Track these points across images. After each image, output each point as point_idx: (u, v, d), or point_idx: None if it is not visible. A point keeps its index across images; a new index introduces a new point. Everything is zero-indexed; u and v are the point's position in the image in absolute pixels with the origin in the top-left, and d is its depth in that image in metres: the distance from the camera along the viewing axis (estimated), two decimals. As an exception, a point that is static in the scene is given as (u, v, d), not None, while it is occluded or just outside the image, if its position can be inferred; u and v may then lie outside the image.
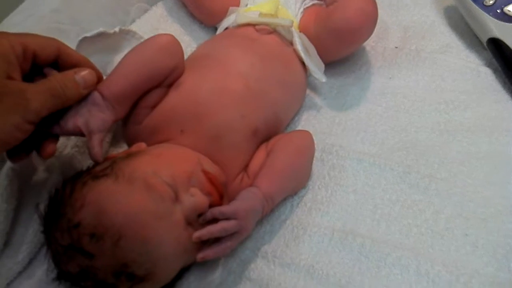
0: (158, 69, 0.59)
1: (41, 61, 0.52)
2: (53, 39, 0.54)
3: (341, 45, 0.70)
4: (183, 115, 0.59)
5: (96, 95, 0.55)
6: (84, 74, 0.54)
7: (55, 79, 0.52)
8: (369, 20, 0.68)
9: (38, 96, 0.49)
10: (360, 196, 0.61)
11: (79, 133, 0.54)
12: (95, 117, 0.54)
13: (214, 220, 0.52)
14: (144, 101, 0.59)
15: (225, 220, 0.51)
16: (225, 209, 0.52)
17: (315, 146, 0.64)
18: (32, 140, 0.54)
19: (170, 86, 0.61)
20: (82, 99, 0.54)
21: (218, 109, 0.59)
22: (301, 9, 0.74)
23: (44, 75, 0.53)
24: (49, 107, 0.50)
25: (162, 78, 0.59)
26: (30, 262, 0.59)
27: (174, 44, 0.60)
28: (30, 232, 0.59)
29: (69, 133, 0.55)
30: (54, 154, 0.56)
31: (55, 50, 0.53)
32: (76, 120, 0.54)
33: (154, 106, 0.60)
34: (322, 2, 0.76)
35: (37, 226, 0.58)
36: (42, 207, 0.56)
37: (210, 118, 0.59)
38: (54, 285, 0.55)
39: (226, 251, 0.53)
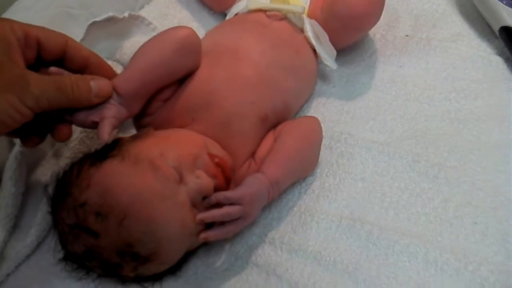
0: (176, 69, 0.58)
1: (46, 53, 0.51)
2: (62, 33, 0.53)
3: (347, 31, 0.69)
4: (195, 105, 0.59)
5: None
6: (101, 82, 0.53)
7: (68, 77, 0.51)
8: (374, 7, 0.67)
9: (40, 82, 0.48)
10: (369, 184, 0.61)
11: (91, 124, 0.53)
12: (110, 109, 0.54)
13: (220, 204, 0.52)
14: (158, 95, 0.59)
15: (229, 205, 0.51)
16: (230, 194, 0.52)
17: (324, 133, 0.63)
18: (46, 125, 0.54)
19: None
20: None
21: (228, 96, 0.59)
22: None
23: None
24: (51, 99, 0.49)
25: (179, 77, 0.59)
26: (39, 245, 0.59)
27: (193, 41, 0.58)
28: (39, 216, 0.59)
29: (80, 123, 0.54)
30: (69, 138, 0.55)
31: (62, 42, 0.52)
32: (89, 113, 0.53)
33: (167, 99, 0.60)
34: None
35: (45, 210, 0.59)
36: (50, 189, 0.57)
37: (220, 104, 0.59)
38: (61, 267, 0.55)
39: (229, 235, 0.53)
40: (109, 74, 0.56)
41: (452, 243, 0.55)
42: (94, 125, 0.53)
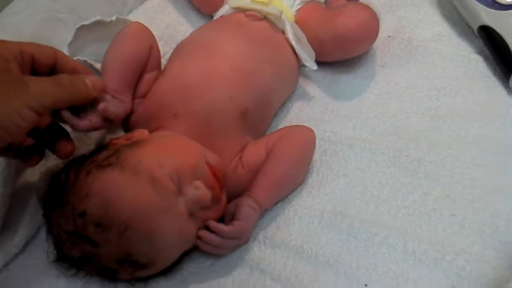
0: (136, 53, 0.61)
1: (39, 66, 0.53)
2: (50, 46, 0.55)
3: (339, 50, 0.71)
4: (173, 98, 0.60)
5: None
6: (92, 77, 0.55)
7: (64, 75, 0.53)
8: (369, 36, 0.70)
9: (38, 82, 0.49)
10: (351, 180, 0.62)
11: (94, 124, 0.56)
12: (110, 102, 0.57)
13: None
14: (138, 90, 0.62)
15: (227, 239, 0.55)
16: (232, 230, 0.55)
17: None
18: (46, 142, 0.56)
19: (156, 71, 0.63)
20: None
21: (205, 90, 0.60)
22: (298, 1, 0.74)
23: None
24: (53, 96, 0.50)
25: (144, 58, 0.62)
26: (27, 244, 0.60)
27: (141, 29, 0.63)
28: (27, 215, 0.60)
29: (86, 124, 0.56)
30: (73, 153, 0.57)
31: (52, 55, 0.54)
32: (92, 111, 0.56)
33: (145, 95, 0.62)
34: (322, 1, 0.77)
35: (34, 210, 0.60)
36: (41, 191, 0.57)
37: (199, 99, 0.60)
38: (50, 266, 0.56)
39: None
40: (96, 80, 0.57)
41: (431, 234, 0.56)
42: (98, 126, 0.56)
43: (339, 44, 0.69)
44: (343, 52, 0.71)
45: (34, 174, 0.63)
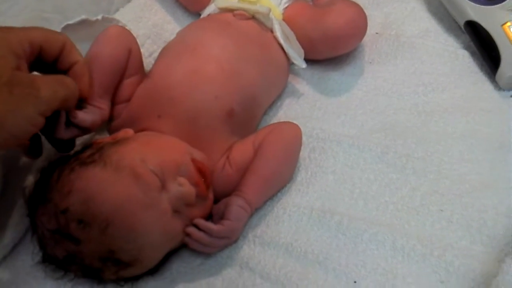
0: (113, 59, 0.61)
1: (46, 55, 0.52)
2: (61, 34, 0.54)
3: (327, 48, 0.71)
4: (158, 99, 0.60)
5: None
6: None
7: (66, 77, 0.53)
8: (358, 33, 0.70)
9: (47, 85, 0.49)
10: (339, 176, 0.62)
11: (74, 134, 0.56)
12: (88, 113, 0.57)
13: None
14: (119, 96, 0.62)
15: (216, 238, 0.55)
16: (221, 229, 0.54)
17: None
18: (45, 132, 0.56)
19: (137, 76, 0.63)
20: None
21: (190, 91, 0.60)
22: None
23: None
24: (60, 98, 0.50)
25: (123, 63, 0.62)
26: (15, 246, 0.59)
27: (119, 33, 0.63)
28: (15, 217, 0.59)
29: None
30: (72, 149, 0.58)
31: (60, 46, 0.53)
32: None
33: (129, 100, 0.62)
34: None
35: (22, 211, 0.59)
36: (27, 191, 0.57)
37: (184, 100, 0.60)
38: (38, 268, 0.56)
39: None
40: (84, 86, 0.56)
41: (419, 230, 0.56)
42: (79, 134, 0.57)
43: (328, 41, 0.69)
44: (332, 50, 0.72)
45: (22, 175, 0.62)
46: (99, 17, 0.69)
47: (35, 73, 0.53)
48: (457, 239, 0.55)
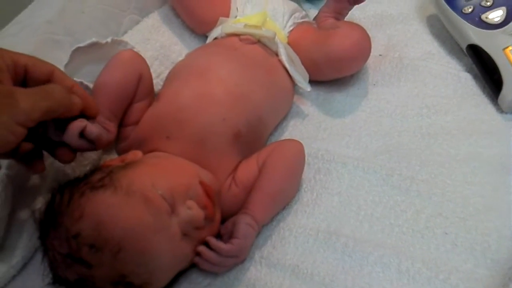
0: (123, 84, 0.62)
1: (32, 79, 0.52)
2: (49, 63, 0.55)
3: (332, 70, 0.72)
4: (167, 121, 0.61)
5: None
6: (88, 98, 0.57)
7: (56, 86, 0.52)
8: (362, 56, 0.71)
9: (28, 97, 0.49)
10: (344, 198, 0.63)
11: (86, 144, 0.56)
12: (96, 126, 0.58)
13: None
14: (128, 119, 0.63)
15: (226, 257, 0.55)
16: (230, 248, 0.55)
17: (302, 151, 0.65)
18: (45, 146, 0.56)
19: (147, 100, 0.64)
20: None
21: (199, 113, 0.61)
22: (290, 23, 0.76)
23: None
24: (42, 109, 0.49)
25: (133, 88, 0.63)
26: (24, 266, 0.60)
27: (133, 57, 0.65)
28: (24, 237, 0.60)
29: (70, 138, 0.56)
30: (73, 159, 0.57)
31: (48, 71, 0.53)
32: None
33: (137, 122, 0.63)
34: (313, 22, 0.79)
35: (31, 231, 0.60)
36: (37, 213, 0.57)
37: (192, 122, 0.61)
38: None
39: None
40: (92, 105, 0.58)
41: (424, 253, 0.56)
42: (84, 147, 0.56)
43: (333, 64, 0.71)
44: (336, 72, 0.73)
45: (31, 196, 0.63)
46: (109, 39, 0.70)
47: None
48: (462, 262, 0.55)
